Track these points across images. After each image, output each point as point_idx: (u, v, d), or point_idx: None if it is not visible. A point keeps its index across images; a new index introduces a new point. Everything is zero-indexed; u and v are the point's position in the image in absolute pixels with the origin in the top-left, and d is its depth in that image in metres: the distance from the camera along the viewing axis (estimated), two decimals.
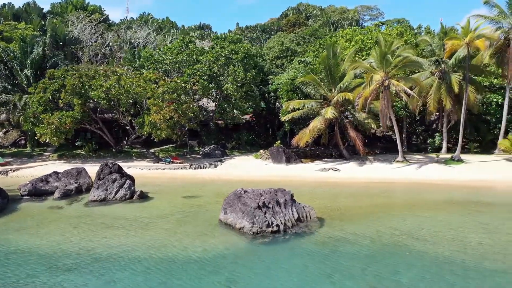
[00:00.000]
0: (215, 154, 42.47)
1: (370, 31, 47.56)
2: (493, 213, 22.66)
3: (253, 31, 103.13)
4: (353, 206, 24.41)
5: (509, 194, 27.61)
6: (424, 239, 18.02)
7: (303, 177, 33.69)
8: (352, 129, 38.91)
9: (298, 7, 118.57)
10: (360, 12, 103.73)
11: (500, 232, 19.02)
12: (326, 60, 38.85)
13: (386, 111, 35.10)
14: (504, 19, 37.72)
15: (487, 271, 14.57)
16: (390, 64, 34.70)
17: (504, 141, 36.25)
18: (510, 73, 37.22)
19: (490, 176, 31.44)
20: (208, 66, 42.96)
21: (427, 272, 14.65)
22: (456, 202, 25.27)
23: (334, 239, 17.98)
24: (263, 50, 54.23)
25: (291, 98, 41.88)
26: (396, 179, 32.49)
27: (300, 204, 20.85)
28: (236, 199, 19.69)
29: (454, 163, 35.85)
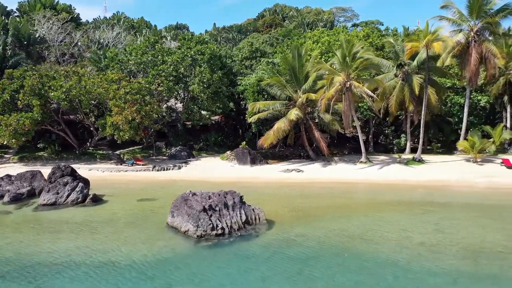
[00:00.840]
0: (181, 155, 42.09)
1: (338, 32, 47.91)
2: (443, 213, 23.03)
3: (228, 31, 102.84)
4: (308, 207, 24.48)
5: (462, 194, 28.12)
6: (369, 240, 18.20)
7: (266, 178, 33.65)
8: (317, 130, 39.10)
9: (275, 8, 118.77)
10: (335, 14, 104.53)
11: (445, 232, 19.33)
12: (291, 61, 38.96)
13: (349, 112, 35.37)
14: (464, 22, 38.47)
15: (423, 271, 14.75)
16: (352, 66, 34.96)
17: (463, 142, 36.95)
18: (469, 75, 37.95)
19: (447, 176, 31.98)
20: (174, 67, 42.54)
21: (362, 273, 14.78)
22: (410, 202, 25.64)
23: (278, 241, 17.97)
24: (233, 51, 54.03)
25: (257, 99, 41.83)
26: (357, 180, 32.74)
27: (250, 206, 20.78)
28: (183, 202, 19.48)
29: (415, 164, 36.37)
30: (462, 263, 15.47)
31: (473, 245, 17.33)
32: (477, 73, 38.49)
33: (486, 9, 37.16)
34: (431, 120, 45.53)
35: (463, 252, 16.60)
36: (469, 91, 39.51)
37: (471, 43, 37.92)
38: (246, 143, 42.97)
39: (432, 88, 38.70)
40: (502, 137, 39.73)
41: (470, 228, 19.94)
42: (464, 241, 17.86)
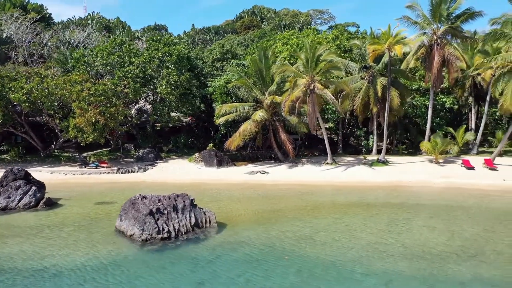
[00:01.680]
0: (149, 157, 41.74)
1: (307, 35, 48.22)
2: (397, 213, 23.38)
3: (206, 33, 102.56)
4: (265, 210, 24.55)
5: (419, 194, 28.56)
6: (318, 242, 18.33)
7: (230, 180, 33.64)
8: (284, 132, 39.26)
9: (253, 10, 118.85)
10: (312, 16, 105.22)
11: (394, 233, 19.61)
12: (258, 63, 39.05)
13: (313, 114, 35.61)
14: (427, 25, 39.15)
15: (359, 273, 14.91)
16: (315, 69, 35.23)
17: (426, 143, 37.58)
18: (433, 77, 38.64)
19: (407, 177, 32.49)
20: (141, 69, 42.18)
21: (299, 276, 14.84)
22: (367, 204, 25.91)
23: (224, 244, 17.93)
24: (204, 52, 53.89)
25: (225, 101, 41.82)
26: (320, 182, 32.98)
27: (201, 209, 20.71)
28: (130, 206, 19.29)
29: (379, 165, 36.83)
30: (401, 264, 15.65)
31: (417, 246, 17.58)
32: (440, 76, 39.20)
33: (448, 13, 37.89)
34: (399, 121, 46.26)
35: (405, 253, 16.78)
36: (433, 93, 40.22)
37: (434, 46, 38.63)
38: (215, 145, 42.96)
39: (396, 91, 39.22)
40: (465, 138, 40.57)
41: (418, 229, 20.27)
42: (409, 242, 18.11)
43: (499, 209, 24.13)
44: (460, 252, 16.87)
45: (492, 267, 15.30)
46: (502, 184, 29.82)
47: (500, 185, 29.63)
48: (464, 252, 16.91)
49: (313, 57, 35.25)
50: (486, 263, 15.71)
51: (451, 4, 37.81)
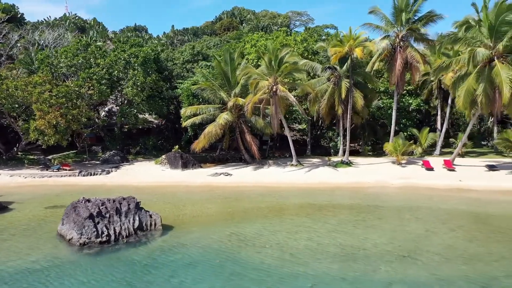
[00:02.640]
0: (114, 160, 41.33)
1: (276, 36, 48.40)
2: (346, 214, 23.72)
3: (184, 34, 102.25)
4: (217, 212, 24.63)
5: (374, 195, 28.84)
6: (256, 245, 18.39)
7: (191, 182, 33.51)
8: (249, 133, 39.31)
9: (233, 11, 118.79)
10: (291, 18, 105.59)
11: (337, 234, 19.82)
12: (223, 65, 39.06)
13: (275, 116, 35.74)
14: (390, 28, 39.66)
15: (289, 276, 15.02)
16: (278, 70, 35.37)
17: (388, 145, 38.06)
18: (396, 79, 39.16)
19: (368, 178, 32.84)
20: (107, 70, 41.77)
21: (229, 279, 14.87)
22: (320, 205, 26.11)
23: (164, 248, 17.89)
24: (175, 54, 53.60)
25: (192, 103, 41.70)
26: (281, 183, 33.06)
27: (147, 212, 20.60)
28: (72, 210, 19.08)
29: (342, 166, 37.12)
30: (334, 266, 15.83)
31: (356, 247, 17.79)
32: (403, 78, 39.76)
33: (409, 16, 38.45)
34: (366, 123, 46.81)
35: (342, 254, 16.98)
36: (397, 95, 40.76)
37: (396, 49, 39.16)
38: (181, 147, 42.73)
39: (360, 93, 39.63)
40: (428, 140, 41.19)
41: (363, 230, 20.51)
42: (349, 243, 18.32)
43: (447, 210, 24.54)
44: (396, 253, 17.15)
45: (421, 268, 15.57)
46: (458, 185, 30.34)
47: (455, 186, 30.15)
48: (400, 253, 17.18)
49: (276, 59, 35.40)
50: (417, 264, 15.98)
51: (412, 8, 38.40)
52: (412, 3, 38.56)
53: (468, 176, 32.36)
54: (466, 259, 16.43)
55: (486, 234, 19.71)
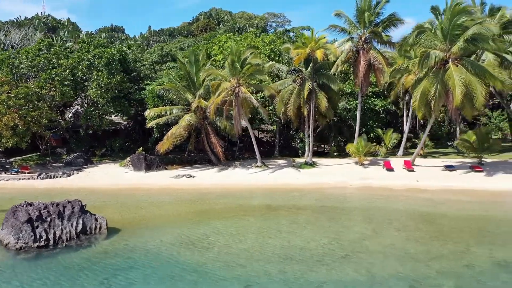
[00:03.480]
0: (77, 162, 40.71)
1: (245, 38, 48.48)
2: (298, 215, 23.81)
3: (160, 35, 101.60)
4: (168, 214, 24.48)
5: (332, 196, 29.04)
6: (201, 247, 18.31)
7: (151, 184, 33.25)
8: (214, 135, 39.24)
9: (210, 12, 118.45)
10: (267, 19, 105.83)
11: (282, 235, 19.89)
12: (187, 66, 38.90)
13: (238, 117, 35.75)
14: (354, 30, 40.15)
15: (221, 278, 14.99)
16: (241, 72, 35.40)
17: (351, 146, 38.45)
18: (360, 81, 39.64)
19: (328, 179, 33.12)
20: (71, 71, 41.15)
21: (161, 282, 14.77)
22: (275, 207, 26.25)
23: (106, 251, 17.68)
24: (144, 55, 53.17)
25: (157, 105, 41.42)
26: (243, 184, 33.06)
27: (93, 215, 20.33)
28: (11, 214, 18.67)
29: (306, 167, 37.36)
30: (270, 267, 15.83)
31: (297, 248, 17.85)
32: (367, 79, 40.25)
33: (371, 19, 38.99)
34: (334, 124, 47.29)
35: (281, 256, 16.97)
36: (361, 96, 41.28)
37: (360, 51, 39.64)
38: (151, 149, 42.32)
39: (325, 94, 39.91)
40: (392, 140, 41.79)
41: (310, 231, 20.65)
42: (292, 244, 18.39)
43: (398, 210, 24.93)
44: (337, 253, 17.31)
45: (358, 267, 15.71)
46: (414, 185, 30.84)
47: (411, 186, 30.62)
48: (342, 253, 17.35)
49: (239, 61, 35.42)
50: (355, 264, 16.13)
51: (375, 11, 38.95)
52: (374, 6, 39.14)
53: (426, 176, 32.96)
54: (404, 258, 16.66)
55: (429, 234, 20.07)
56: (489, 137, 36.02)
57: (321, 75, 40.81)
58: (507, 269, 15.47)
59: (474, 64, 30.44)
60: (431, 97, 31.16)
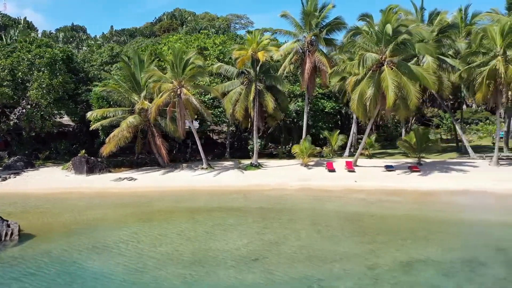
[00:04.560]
0: (17, 166, 39.30)
1: (195, 39, 48.16)
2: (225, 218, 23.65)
3: (120, 35, 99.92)
4: (92, 219, 23.88)
5: (268, 198, 29.12)
6: (111, 252, 18.00)
7: (88, 188, 32.44)
8: (159, 137, 38.71)
9: (174, 13, 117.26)
10: (230, 21, 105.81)
11: (200, 239, 19.79)
12: (130, 67, 38.27)
13: (180, 119, 35.40)
14: (300, 33, 40.48)
15: (127, 282, 14.72)
16: (183, 73, 35.07)
17: (296, 147, 38.73)
18: (306, 83, 39.99)
19: (269, 181, 33.20)
20: (10, 71, 39.68)
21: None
22: (207, 209, 26.23)
23: (11, 258, 17.05)
24: (93, 55, 51.97)
25: (102, 106, 40.52)
26: (185, 187, 32.64)
27: (5, 221, 19.67)
28: None
29: (251, 169, 37.37)
30: (176, 272, 15.71)
31: (211, 251, 17.77)
32: (313, 81, 40.61)
33: (317, 22, 39.41)
34: (284, 125, 47.62)
35: (190, 260, 16.76)
36: (308, 98, 41.70)
37: (306, 53, 40.00)
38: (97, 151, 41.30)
39: (272, 96, 40.07)
40: (338, 142, 42.41)
41: (232, 233, 20.62)
42: (208, 247, 18.27)
43: (328, 211, 25.31)
44: (249, 256, 17.29)
45: (264, 270, 15.73)
46: (352, 185, 31.32)
47: (348, 187, 31.05)
48: (254, 255, 17.34)
49: (181, 62, 35.07)
50: (262, 266, 16.15)
51: (320, 14, 39.42)
52: (320, 9, 39.61)
53: (365, 176, 33.56)
54: (314, 260, 16.76)
55: (349, 234, 20.45)
56: (427, 138, 36.98)
57: (269, 76, 40.99)
58: (408, 269, 15.78)
59: (407, 67, 31.22)
60: (367, 99, 31.77)
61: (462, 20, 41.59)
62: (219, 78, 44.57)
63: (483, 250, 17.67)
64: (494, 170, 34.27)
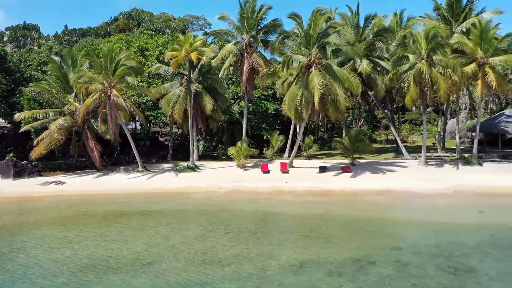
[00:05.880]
0: None
1: (136, 39, 47.31)
2: (140, 221, 23.33)
3: (72, 34, 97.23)
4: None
5: (193, 200, 28.97)
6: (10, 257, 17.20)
7: (11, 193, 31.10)
8: (92, 139, 37.59)
9: (131, 12, 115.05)
10: (188, 21, 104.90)
11: (103, 243, 19.14)
12: (60, 68, 37.06)
13: (110, 121, 34.55)
14: (239, 34, 40.47)
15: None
16: (113, 74, 34.26)
17: (232, 149, 38.61)
18: (244, 84, 40.02)
19: (202, 183, 32.84)
20: None
21: None
22: (128, 212, 25.69)
23: None
24: (30, 54, 50.10)
25: (33, 107, 39.01)
26: (115, 190, 31.67)
27: None
28: None
29: (187, 171, 36.90)
30: (55, 280, 15.11)
31: (104, 257, 17.33)
32: (251, 83, 40.69)
33: (254, 23, 39.53)
34: (227, 126, 47.51)
35: (78, 267, 16.21)
36: (247, 100, 41.75)
37: (244, 55, 39.99)
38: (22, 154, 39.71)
39: (211, 97, 39.81)
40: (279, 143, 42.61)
41: (136, 238, 20.15)
42: (103, 253, 17.76)
43: (248, 212, 25.32)
44: (143, 260, 16.88)
45: (145, 276, 15.38)
46: (282, 186, 31.45)
47: (278, 188, 31.09)
48: (148, 259, 16.96)
49: (112, 62, 34.25)
50: (146, 272, 15.79)
51: (258, 15, 39.52)
52: (258, 11, 39.71)
53: (297, 177, 33.77)
54: (211, 262, 16.61)
55: (257, 235, 20.38)
56: (359, 139, 37.62)
57: (208, 78, 40.78)
58: (297, 270, 15.82)
59: (334, 69, 31.70)
60: (298, 101, 32.04)
61: (397, 24, 42.69)
62: (160, 79, 43.97)
63: (378, 249, 18.00)
64: (421, 170, 35.27)
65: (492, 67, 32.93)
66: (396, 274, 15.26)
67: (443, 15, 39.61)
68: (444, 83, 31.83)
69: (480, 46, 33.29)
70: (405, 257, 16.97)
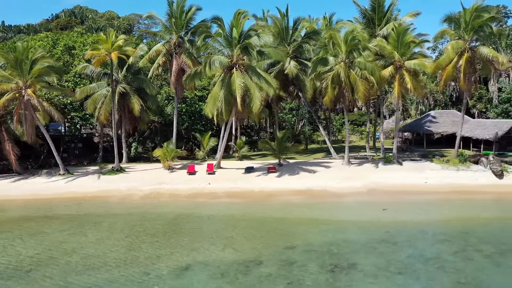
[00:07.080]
0: None
1: (64, 37, 45.48)
2: (36, 227, 22.40)
3: (7, 31, 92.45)
4: None
5: (106, 204, 28.15)
6: None
7: None
8: (9, 141, 35.59)
9: (74, 10, 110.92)
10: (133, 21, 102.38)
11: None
12: None
13: (26, 122, 32.94)
14: (167, 34, 39.82)
15: None
16: (29, 73, 32.67)
17: (158, 150, 37.96)
18: (173, 85, 39.41)
19: (122, 186, 31.97)
20: None
21: None
22: (30, 217, 24.50)
23: None
24: None
25: None
26: (28, 195, 30.38)
27: None
28: None
29: (112, 174, 35.77)
30: None
31: None
32: (180, 83, 40.09)
33: (183, 23, 39.02)
34: (160, 128, 46.71)
35: None
36: (177, 100, 41.19)
37: (173, 55, 39.41)
38: None
39: (139, 98, 38.94)
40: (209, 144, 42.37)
41: (22, 245, 19.27)
42: None
43: (156, 215, 24.95)
44: (22, 268, 16.17)
45: (28, 281, 14.72)
46: (201, 188, 31.36)
47: (198, 190, 30.94)
48: (29, 266, 16.28)
49: (27, 61, 32.64)
50: (32, 277, 15.21)
51: (186, 16, 39.06)
52: (187, 12, 39.26)
53: (222, 178, 33.66)
54: (96, 268, 16.27)
55: (153, 238, 20.01)
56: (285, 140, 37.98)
57: (136, 79, 39.90)
58: (183, 272, 15.69)
59: (254, 71, 31.89)
60: (219, 101, 31.94)
61: (327, 27, 43.64)
62: (88, 79, 42.45)
63: (272, 248, 18.20)
64: (344, 169, 36.17)
65: (408, 70, 34.35)
66: (277, 273, 15.48)
67: (367, 18, 41.00)
68: (362, 85, 32.83)
69: (397, 49, 34.65)
70: (295, 256, 17.27)
